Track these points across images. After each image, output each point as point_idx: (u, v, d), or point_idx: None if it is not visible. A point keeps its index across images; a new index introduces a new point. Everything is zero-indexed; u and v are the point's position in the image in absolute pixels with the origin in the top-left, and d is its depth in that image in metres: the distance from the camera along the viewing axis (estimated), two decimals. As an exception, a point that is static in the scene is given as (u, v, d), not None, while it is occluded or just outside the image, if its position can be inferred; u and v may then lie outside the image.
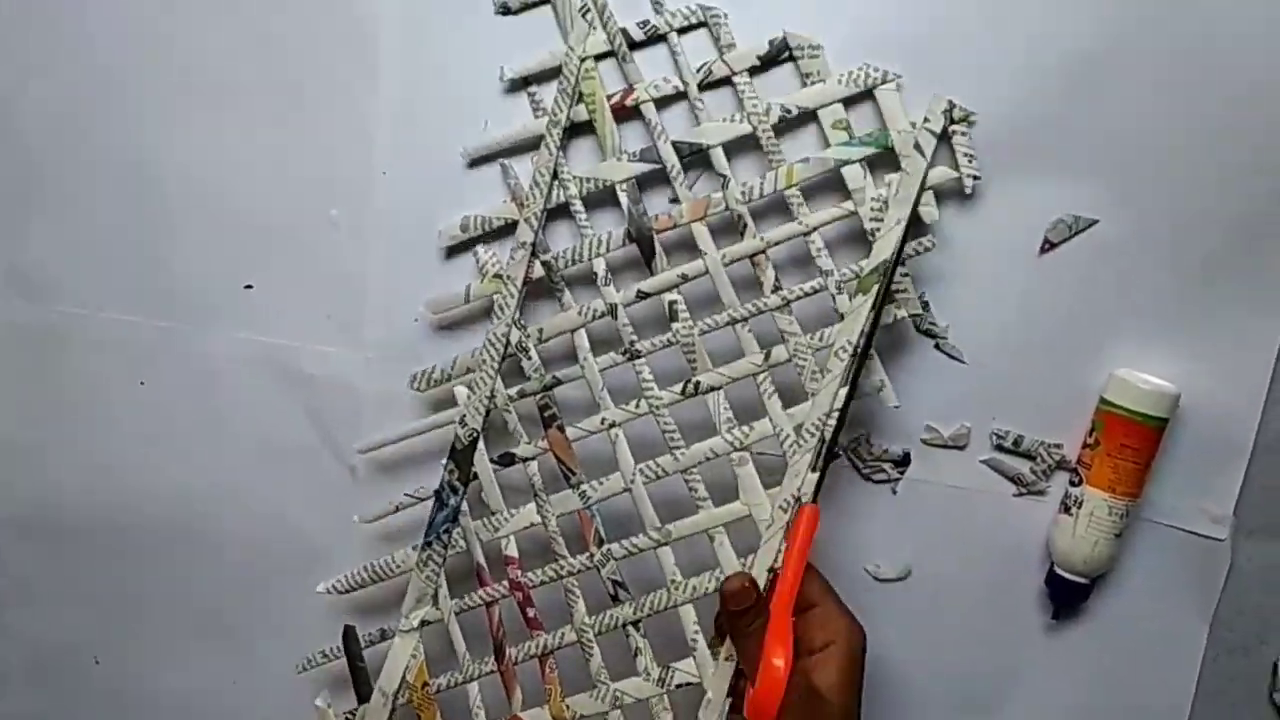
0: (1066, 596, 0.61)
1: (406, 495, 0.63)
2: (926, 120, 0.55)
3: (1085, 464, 0.59)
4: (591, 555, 0.59)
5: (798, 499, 0.56)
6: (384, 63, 0.62)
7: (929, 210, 0.56)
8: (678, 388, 0.58)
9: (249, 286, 0.65)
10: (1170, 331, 0.59)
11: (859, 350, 0.55)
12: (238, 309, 0.65)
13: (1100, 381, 0.59)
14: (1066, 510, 0.60)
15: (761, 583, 0.55)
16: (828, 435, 0.56)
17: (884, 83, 0.56)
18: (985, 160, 0.57)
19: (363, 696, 0.63)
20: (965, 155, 0.56)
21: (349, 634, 0.64)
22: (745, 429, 0.57)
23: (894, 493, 0.63)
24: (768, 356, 0.57)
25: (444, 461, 0.61)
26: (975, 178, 0.57)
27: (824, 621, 0.53)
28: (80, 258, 0.66)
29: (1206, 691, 0.63)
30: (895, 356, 0.60)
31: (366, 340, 0.64)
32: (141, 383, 0.66)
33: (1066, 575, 0.60)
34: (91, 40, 0.64)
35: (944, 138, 0.56)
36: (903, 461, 0.62)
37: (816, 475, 0.55)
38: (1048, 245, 0.59)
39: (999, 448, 0.61)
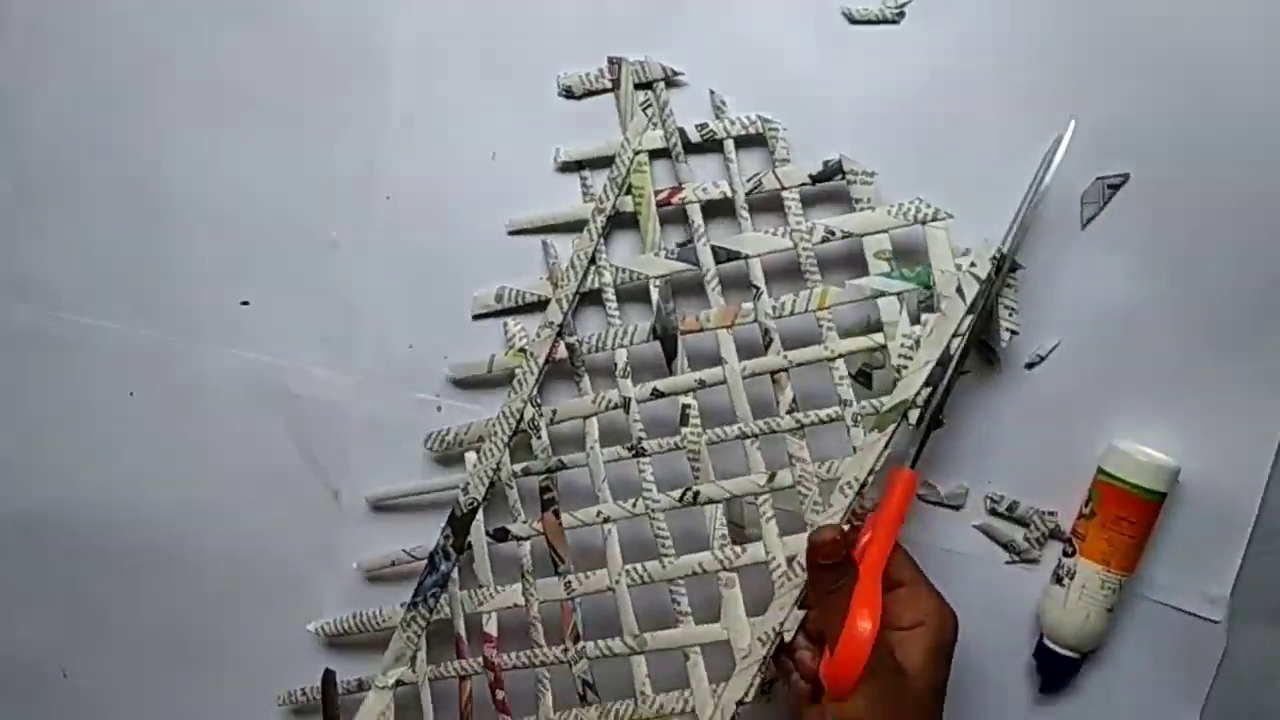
0: (1055, 670, 0.59)
1: (404, 552, 0.63)
2: (973, 265, 0.53)
3: (1080, 534, 0.57)
4: (566, 649, 0.58)
5: (779, 634, 0.54)
6: (395, 87, 0.62)
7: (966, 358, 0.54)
8: (676, 493, 0.57)
9: (245, 303, 0.64)
10: (1175, 405, 0.58)
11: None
12: (232, 325, 0.64)
13: (1100, 451, 0.57)
14: (1059, 581, 0.58)
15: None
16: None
17: (934, 219, 0.54)
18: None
19: (330, 741, 0.63)
20: (1007, 308, 0.54)
21: (328, 678, 0.64)
22: (737, 550, 0.56)
23: None
24: (772, 479, 0.55)
25: (442, 526, 0.61)
26: (1013, 332, 0.54)
27: (914, 601, 0.51)
28: (80, 265, 0.65)
29: (1195, 782, 0.60)
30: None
31: (358, 364, 0.64)
32: (131, 393, 0.65)
33: (1056, 648, 0.58)
34: (99, 48, 0.63)
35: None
36: None
37: (915, 448, 0.53)
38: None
39: (993, 512, 0.60)
